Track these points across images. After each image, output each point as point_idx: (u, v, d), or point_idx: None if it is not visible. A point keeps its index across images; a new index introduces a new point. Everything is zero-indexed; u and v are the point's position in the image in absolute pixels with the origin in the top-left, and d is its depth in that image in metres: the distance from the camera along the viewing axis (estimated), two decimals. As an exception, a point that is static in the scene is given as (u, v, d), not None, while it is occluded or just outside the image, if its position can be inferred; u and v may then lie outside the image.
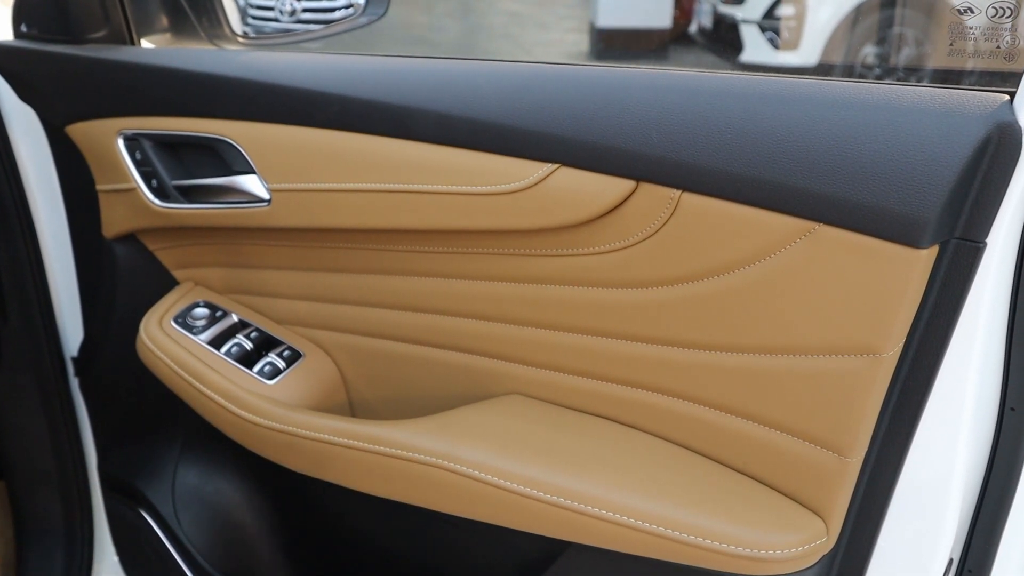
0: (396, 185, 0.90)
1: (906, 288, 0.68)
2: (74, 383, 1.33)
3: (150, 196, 1.07)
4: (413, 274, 0.95)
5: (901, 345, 0.72)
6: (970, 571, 0.84)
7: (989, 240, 0.69)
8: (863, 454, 0.76)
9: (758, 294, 0.75)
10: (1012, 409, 0.78)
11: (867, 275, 0.69)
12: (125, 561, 1.34)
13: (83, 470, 1.36)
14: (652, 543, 0.78)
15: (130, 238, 1.15)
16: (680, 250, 0.78)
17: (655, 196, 0.78)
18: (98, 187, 1.14)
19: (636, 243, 0.80)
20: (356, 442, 0.92)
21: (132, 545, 1.26)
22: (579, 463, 0.83)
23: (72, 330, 1.32)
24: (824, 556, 0.79)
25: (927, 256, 0.68)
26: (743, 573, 0.77)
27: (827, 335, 0.72)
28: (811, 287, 0.72)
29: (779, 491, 0.79)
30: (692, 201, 0.76)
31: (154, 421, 1.22)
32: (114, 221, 1.14)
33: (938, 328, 0.72)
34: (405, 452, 0.88)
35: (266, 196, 0.99)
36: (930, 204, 0.66)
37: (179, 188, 1.06)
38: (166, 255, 1.15)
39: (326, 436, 0.94)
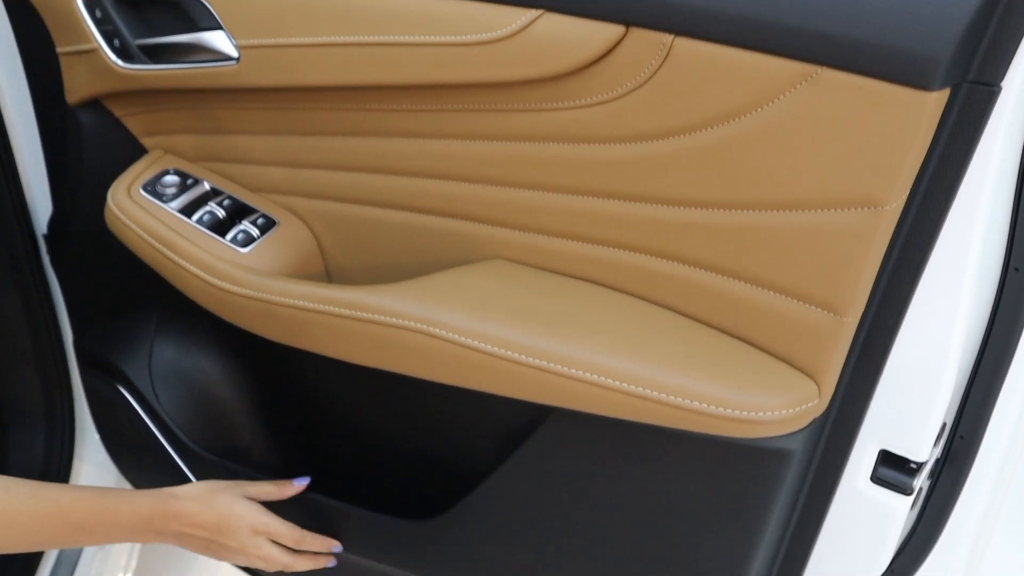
0: (372, 37, 0.84)
1: (914, 135, 0.64)
2: (46, 260, 1.29)
3: (112, 57, 1.01)
4: (391, 135, 0.90)
5: (905, 198, 0.68)
6: (962, 437, 0.83)
7: (1004, 84, 0.64)
8: (859, 314, 0.73)
9: (754, 145, 0.70)
10: (1016, 269, 0.75)
11: (872, 122, 0.65)
12: (106, 438, 1.33)
13: (60, 348, 1.34)
14: (638, 406, 0.76)
15: (95, 104, 1.09)
16: (672, 100, 0.73)
17: (646, 42, 0.72)
18: (58, 49, 1.08)
19: (625, 94, 0.75)
20: (332, 308, 0.88)
21: (112, 422, 1.24)
22: (563, 326, 0.80)
23: (41, 205, 1.27)
24: (815, 419, 0.77)
25: (937, 100, 0.63)
26: (730, 435, 0.75)
27: (827, 188, 0.68)
28: (811, 136, 0.68)
29: (770, 353, 0.76)
30: (685, 46, 0.71)
31: (129, 296, 1.18)
32: (77, 86, 1.08)
33: (945, 179, 0.68)
34: (383, 317, 0.85)
35: (234, 54, 0.93)
36: (943, 42, 0.61)
37: (143, 48, 1.00)
38: (133, 122, 1.10)
39: (302, 303, 0.90)
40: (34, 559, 1.37)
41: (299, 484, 1.04)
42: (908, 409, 0.78)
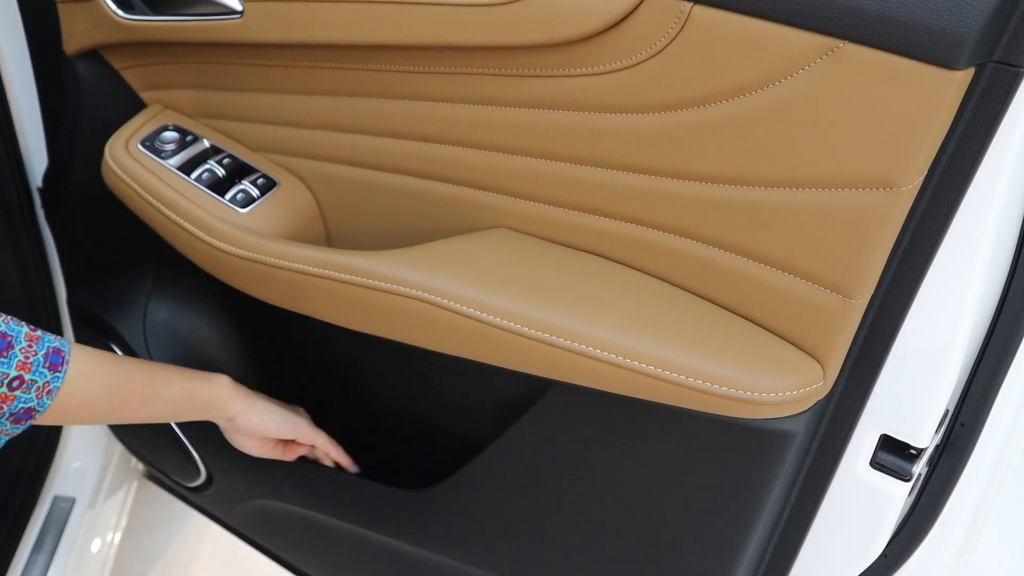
0: (380, -5, 0.81)
1: (935, 115, 0.62)
2: (40, 214, 1.27)
3: (112, 6, 0.98)
4: (397, 97, 0.88)
5: (921, 179, 0.67)
6: (963, 424, 0.82)
7: None
8: (869, 296, 0.71)
9: (770, 121, 0.69)
10: None
11: (893, 100, 0.63)
12: (98, 396, 1.32)
13: (53, 304, 1.32)
14: (639, 382, 0.75)
15: (93, 55, 1.07)
16: (688, 71, 0.71)
17: (663, 9, 0.70)
18: (57, -3, 1.05)
19: (640, 62, 0.73)
20: (332, 272, 0.87)
21: (104, 380, 1.23)
22: (566, 299, 0.79)
23: (37, 158, 1.25)
24: (818, 402, 0.76)
25: (961, 79, 0.61)
26: (733, 415, 0.75)
27: (843, 167, 0.67)
28: (829, 113, 0.66)
29: (776, 333, 0.75)
30: (704, 15, 0.69)
31: (124, 253, 1.17)
32: (75, 36, 1.05)
33: (963, 162, 0.66)
34: (383, 283, 0.84)
35: (239, 7, 0.90)
36: (971, 20, 0.59)
37: (144, -1, 0.98)
38: (132, 75, 1.07)
39: (301, 266, 0.89)
40: (23, 520, 1.37)
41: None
42: (911, 394, 0.77)
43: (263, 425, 0.97)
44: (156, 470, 1.43)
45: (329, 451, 1.05)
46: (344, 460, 1.07)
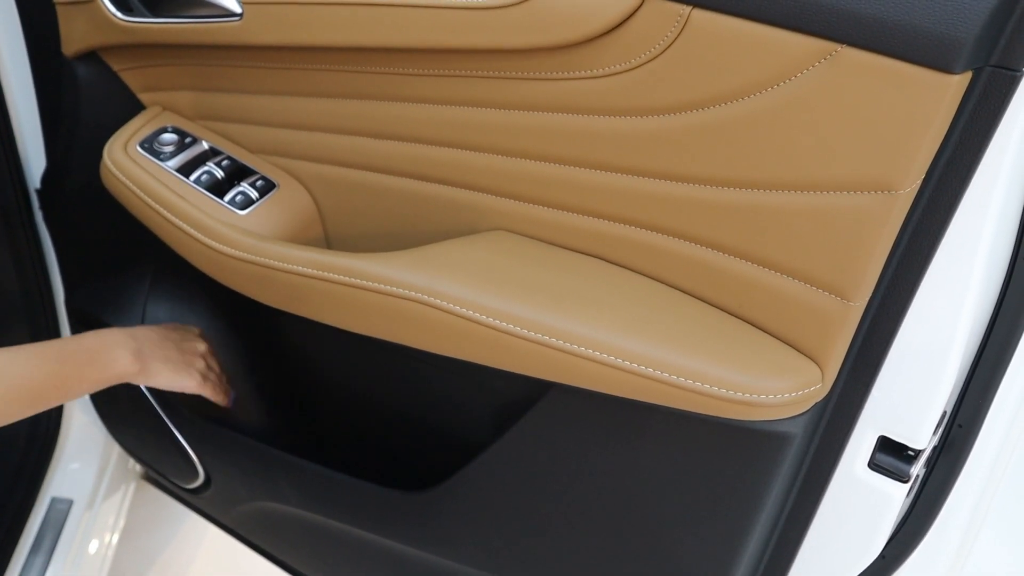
0: (379, -2, 0.82)
1: (933, 118, 0.63)
2: (38, 216, 1.27)
3: (111, 8, 0.98)
4: (396, 99, 0.89)
5: (919, 182, 0.67)
6: (960, 425, 0.82)
7: None
8: (867, 299, 0.72)
9: (769, 124, 0.69)
10: None
11: (891, 103, 0.63)
12: (95, 398, 1.32)
13: (51, 306, 1.32)
14: (638, 384, 0.75)
15: (92, 57, 1.07)
16: (686, 74, 0.71)
17: (662, 13, 0.70)
18: (56, -2, 1.05)
19: (639, 66, 0.73)
20: (331, 275, 0.87)
21: (102, 381, 1.23)
22: (565, 301, 0.79)
23: (35, 159, 1.25)
24: (816, 404, 0.76)
25: (958, 83, 0.62)
26: (732, 417, 0.75)
27: (841, 170, 0.67)
28: (828, 117, 0.66)
29: (775, 335, 0.76)
30: (703, 18, 0.69)
31: (122, 254, 1.17)
32: (74, 37, 1.05)
33: (961, 165, 0.67)
34: (383, 285, 0.84)
35: (238, 10, 0.90)
36: (968, 24, 0.59)
37: (143, 0, 0.98)
38: (131, 76, 1.07)
39: (300, 268, 0.89)
40: (20, 521, 1.37)
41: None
42: (909, 396, 0.77)
43: (157, 386, 1.04)
44: (154, 471, 1.43)
45: (214, 399, 1.11)
46: (222, 402, 1.13)
